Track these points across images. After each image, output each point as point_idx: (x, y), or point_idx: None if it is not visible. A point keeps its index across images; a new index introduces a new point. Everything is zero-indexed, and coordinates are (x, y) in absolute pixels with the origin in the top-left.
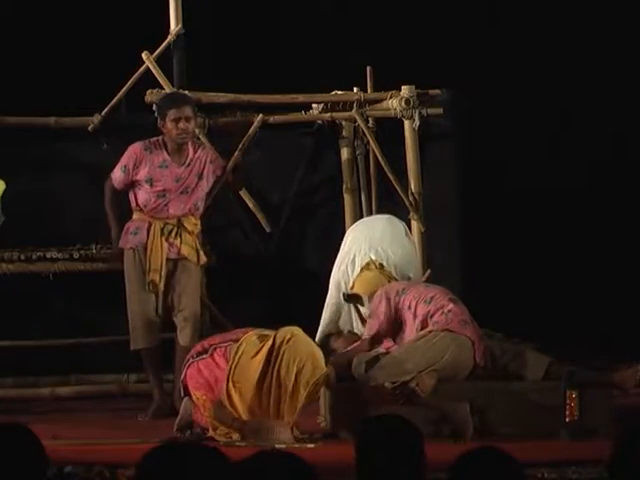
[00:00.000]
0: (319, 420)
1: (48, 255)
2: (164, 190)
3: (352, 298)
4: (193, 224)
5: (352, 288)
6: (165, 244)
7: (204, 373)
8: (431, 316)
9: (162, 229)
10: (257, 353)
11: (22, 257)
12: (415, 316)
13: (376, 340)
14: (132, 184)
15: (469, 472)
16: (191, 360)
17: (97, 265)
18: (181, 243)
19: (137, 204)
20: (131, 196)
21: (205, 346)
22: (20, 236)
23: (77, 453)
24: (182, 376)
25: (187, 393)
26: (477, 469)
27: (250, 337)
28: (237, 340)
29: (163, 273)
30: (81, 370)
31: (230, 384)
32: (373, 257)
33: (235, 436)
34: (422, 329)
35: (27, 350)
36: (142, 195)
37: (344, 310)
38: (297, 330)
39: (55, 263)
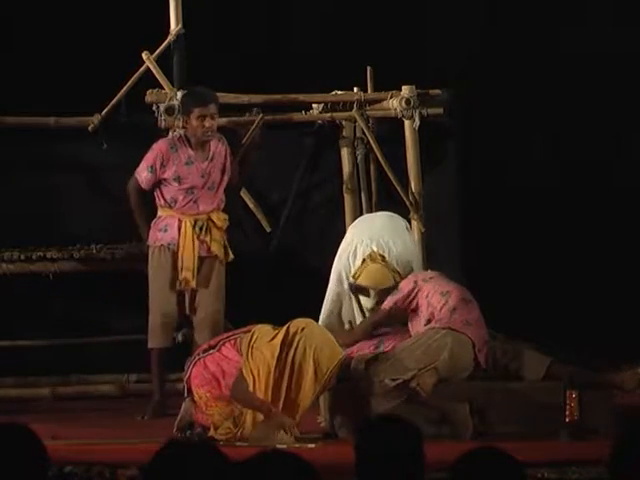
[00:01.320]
0: (319, 420)
1: (48, 255)
2: (192, 187)
3: (358, 289)
4: (223, 220)
5: (356, 278)
6: (197, 241)
7: (210, 368)
8: (440, 310)
9: (193, 226)
10: (273, 339)
11: (22, 257)
12: (429, 305)
13: (392, 313)
14: (158, 182)
15: (469, 472)
16: (197, 357)
17: (97, 265)
18: (211, 240)
19: (164, 201)
20: (156, 193)
21: (211, 344)
22: (20, 236)
23: (77, 453)
24: (186, 376)
25: (190, 393)
26: (477, 469)
27: (263, 327)
28: (248, 331)
29: (195, 271)
30: (81, 370)
31: (248, 362)
32: (375, 248)
33: (234, 435)
34: (429, 320)
35: (27, 350)
36: (169, 192)
37: (345, 301)
38: (311, 321)
39: (55, 263)
